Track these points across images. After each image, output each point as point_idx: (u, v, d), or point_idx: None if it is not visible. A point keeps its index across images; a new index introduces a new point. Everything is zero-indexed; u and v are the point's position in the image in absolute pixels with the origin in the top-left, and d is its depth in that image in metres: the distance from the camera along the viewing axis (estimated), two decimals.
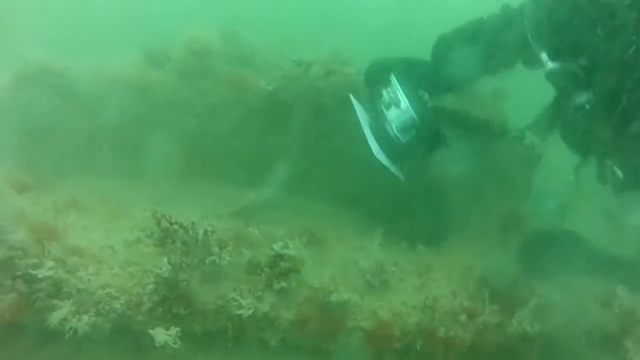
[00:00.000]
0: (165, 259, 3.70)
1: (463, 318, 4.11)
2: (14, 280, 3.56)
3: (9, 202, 3.90)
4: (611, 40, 3.71)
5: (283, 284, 3.91)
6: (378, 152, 4.32)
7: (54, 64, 4.82)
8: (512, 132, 4.60)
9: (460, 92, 4.84)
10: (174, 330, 3.50)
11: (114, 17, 6.08)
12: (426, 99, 4.36)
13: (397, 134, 4.26)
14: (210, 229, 3.87)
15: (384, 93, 4.31)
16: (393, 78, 4.32)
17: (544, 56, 3.98)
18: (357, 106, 4.48)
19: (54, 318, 3.53)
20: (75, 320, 3.54)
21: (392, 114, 4.27)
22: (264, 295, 3.86)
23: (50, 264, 3.61)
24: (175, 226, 3.82)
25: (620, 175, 3.95)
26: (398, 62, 4.51)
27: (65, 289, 3.62)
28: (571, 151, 4.24)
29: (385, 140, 4.32)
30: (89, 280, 3.66)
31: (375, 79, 4.49)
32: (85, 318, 3.56)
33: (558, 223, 4.86)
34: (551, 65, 3.94)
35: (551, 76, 4.03)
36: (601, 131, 3.88)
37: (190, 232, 3.83)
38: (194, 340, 3.85)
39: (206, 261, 3.85)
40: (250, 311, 3.77)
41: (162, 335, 3.49)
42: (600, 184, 4.17)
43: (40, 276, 3.56)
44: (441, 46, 4.52)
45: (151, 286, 3.69)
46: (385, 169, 4.36)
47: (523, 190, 5.06)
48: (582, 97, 3.92)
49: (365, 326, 4.02)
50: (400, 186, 4.79)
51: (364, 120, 4.40)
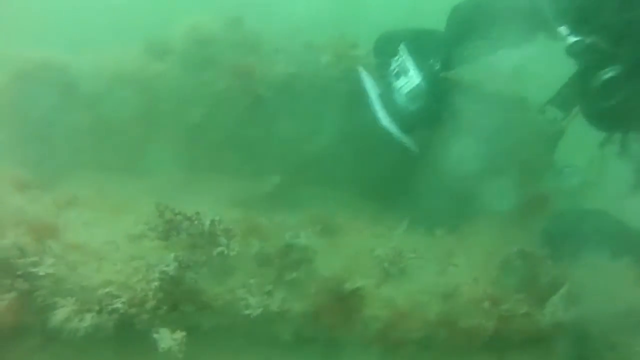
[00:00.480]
0: (172, 255, 3.55)
1: (486, 305, 3.92)
2: (14, 280, 3.44)
3: (9, 200, 3.80)
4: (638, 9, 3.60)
5: (294, 274, 3.75)
6: (386, 122, 4.26)
7: (53, 60, 4.75)
8: (533, 107, 4.56)
9: (477, 65, 4.66)
10: (180, 335, 3.34)
11: (111, 8, 6.00)
12: (437, 67, 4.29)
13: (406, 102, 4.25)
14: (217, 218, 3.72)
15: (393, 62, 4.31)
16: (402, 47, 4.30)
17: (563, 30, 3.88)
18: (366, 77, 4.43)
19: (57, 317, 3.41)
20: (77, 319, 3.42)
21: (400, 83, 4.27)
22: (274, 289, 3.70)
23: (51, 260, 3.49)
24: (180, 217, 3.68)
25: None
26: (408, 33, 4.49)
27: (67, 286, 3.50)
28: (593, 126, 4.10)
29: (394, 110, 4.28)
30: (91, 276, 3.54)
31: (385, 49, 4.48)
32: (89, 317, 3.43)
33: (580, 200, 4.67)
34: (572, 39, 3.84)
35: (573, 50, 3.89)
36: (627, 105, 3.75)
37: (196, 222, 3.68)
38: (203, 336, 3.70)
39: (213, 253, 3.70)
40: (259, 310, 3.62)
41: (167, 340, 3.33)
42: (623, 160, 4.08)
43: (41, 273, 3.44)
44: (456, 15, 4.48)
45: (156, 283, 3.54)
46: (396, 139, 4.30)
47: (544, 167, 4.87)
48: (608, 71, 3.77)
49: (382, 316, 3.84)
50: (414, 167, 4.71)
51: (372, 91, 4.36)
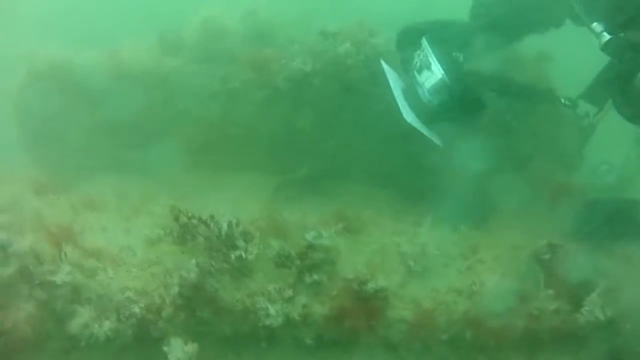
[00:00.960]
0: (193, 262, 3.47)
1: (515, 303, 3.78)
2: (32, 288, 3.40)
3: (26, 205, 3.75)
4: None
5: (315, 276, 3.64)
6: (411, 118, 4.15)
7: (65, 58, 4.66)
8: (563, 101, 4.37)
9: (502, 54, 4.55)
10: (192, 347, 3.27)
11: (122, 3, 5.87)
12: (461, 60, 4.18)
13: (429, 97, 4.15)
14: (234, 221, 3.61)
15: (415, 56, 4.20)
16: (424, 41, 4.17)
17: (596, 27, 3.77)
18: (389, 72, 4.32)
19: (75, 324, 3.37)
20: (96, 326, 3.38)
21: (423, 77, 4.16)
22: (295, 294, 3.59)
23: (68, 268, 3.45)
24: (194, 221, 3.59)
25: None
26: (431, 25, 4.35)
27: (85, 294, 3.47)
28: (628, 121, 3.95)
29: (417, 105, 4.18)
30: (108, 284, 3.50)
31: (407, 43, 4.35)
32: (107, 324, 3.39)
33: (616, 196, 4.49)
34: (607, 37, 3.73)
35: (608, 48, 3.77)
36: None
37: (212, 225, 3.59)
38: (225, 341, 3.64)
39: (232, 256, 3.60)
40: (280, 319, 3.53)
41: (178, 351, 3.26)
42: None
43: (59, 282, 3.40)
44: (481, 2, 4.34)
45: (176, 289, 3.48)
46: (420, 134, 4.18)
47: (574, 162, 4.70)
48: None
49: (407, 316, 3.72)
50: (438, 161, 4.52)
51: (396, 85, 4.24)
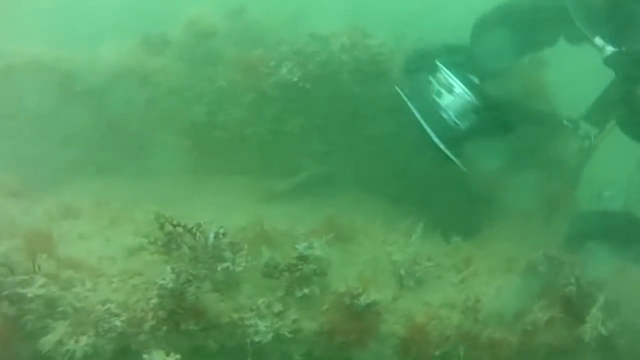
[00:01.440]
0: (169, 268, 3.28)
1: (509, 318, 3.67)
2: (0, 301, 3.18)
3: None
4: None
5: (306, 290, 3.48)
6: (438, 142, 4.04)
7: (45, 55, 4.48)
8: (565, 123, 4.37)
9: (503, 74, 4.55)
10: (174, 358, 3.08)
11: (105, 0, 5.70)
12: (477, 82, 4.14)
13: (456, 121, 4.07)
14: (221, 231, 3.44)
15: (433, 80, 4.14)
16: (439, 64, 4.15)
17: (598, 41, 3.70)
18: (406, 98, 4.19)
19: (48, 341, 3.14)
20: (72, 342, 3.15)
21: (445, 101, 4.09)
22: (285, 309, 3.44)
23: (42, 280, 3.21)
24: (180, 229, 3.42)
25: None
26: (439, 49, 4.36)
27: (60, 308, 3.23)
28: (633, 139, 3.89)
29: (442, 129, 4.07)
30: (86, 296, 3.27)
31: (419, 67, 4.32)
32: (84, 339, 3.17)
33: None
34: (609, 50, 3.65)
35: (611, 62, 3.69)
36: None
37: (198, 235, 3.41)
38: (210, 356, 3.45)
39: (218, 268, 3.43)
40: (270, 336, 3.36)
41: None
42: None
43: (30, 295, 3.17)
44: (480, 28, 4.35)
45: (155, 300, 3.28)
46: (448, 159, 4.07)
47: (572, 183, 4.63)
48: None
49: (399, 331, 3.58)
50: (431, 171, 4.50)
51: (417, 111, 4.12)
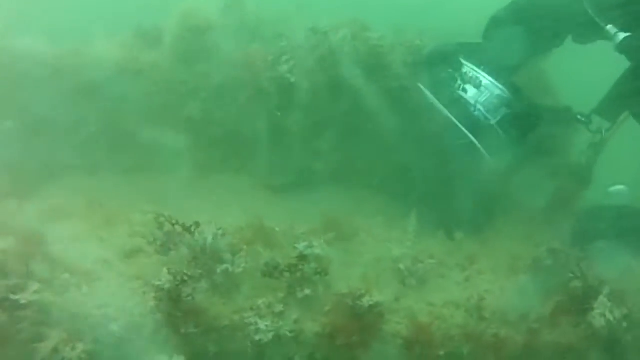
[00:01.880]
0: (165, 269, 3.22)
1: (514, 317, 3.62)
2: None
3: None
4: None
5: (307, 291, 3.41)
6: (470, 136, 4.07)
7: (34, 50, 4.35)
8: (579, 118, 4.38)
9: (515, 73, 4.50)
10: None
11: None
12: (504, 76, 4.17)
13: (487, 115, 4.09)
14: (220, 232, 3.37)
15: (457, 76, 4.17)
16: (464, 61, 4.21)
17: (610, 29, 3.79)
18: (429, 94, 4.25)
19: (43, 349, 3.05)
20: (68, 349, 3.06)
21: (473, 96, 4.12)
22: (286, 309, 3.38)
23: (35, 286, 3.12)
24: (179, 228, 3.34)
25: None
26: (458, 47, 4.37)
27: (55, 314, 3.14)
28: None
29: (473, 125, 4.10)
30: (82, 302, 3.19)
31: (440, 63, 4.34)
32: (81, 346, 3.08)
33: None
34: (621, 36, 3.74)
35: (624, 48, 3.76)
36: None
37: (196, 234, 3.34)
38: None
39: (217, 270, 3.35)
40: (271, 335, 3.30)
41: None
42: None
43: (24, 302, 3.07)
44: (494, 26, 4.38)
45: (152, 303, 3.20)
46: (478, 154, 4.10)
47: (584, 178, 4.58)
48: None
49: (403, 332, 3.53)
50: (433, 165, 4.53)
51: (442, 107, 4.17)
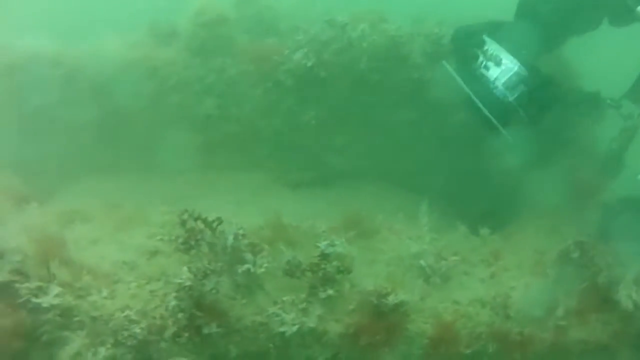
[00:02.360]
0: (185, 268, 3.18)
1: (541, 314, 3.54)
2: (15, 312, 3.03)
3: (6, 218, 3.38)
4: None
5: (330, 291, 3.33)
6: (489, 115, 4.06)
7: (48, 50, 4.32)
8: (609, 102, 4.35)
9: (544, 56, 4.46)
10: None
11: None
12: (525, 54, 4.14)
13: (505, 92, 4.07)
14: (241, 232, 3.30)
15: (480, 54, 4.17)
16: (487, 39, 4.18)
17: None
18: (453, 72, 4.25)
19: (65, 354, 3.03)
20: (90, 354, 3.04)
21: (494, 73, 4.13)
22: (309, 306, 3.31)
23: (57, 290, 3.09)
24: (200, 224, 3.27)
25: None
26: (485, 25, 4.38)
27: (76, 318, 3.11)
28: None
29: (492, 102, 4.10)
30: (103, 305, 3.15)
31: (465, 43, 4.34)
32: (102, 350, 3.04)
33: None
34: None
35: None
36: None
37: (218, 232, 3.29)
38: None
39: (239, 271, 3.28)
40: (295, 327, 3.24)
41: None
42: None
43: (46, 305, 3.04)
44: (526, 7, 4.34)
45: (173, 302, 3.15)
46: (496, 131, 4.08)
47: (614, 166, 4.47)
48: None
49: (428, 331, 3.47)
50: (456, 158, 4.47)
51: (465, 85, 4.17)
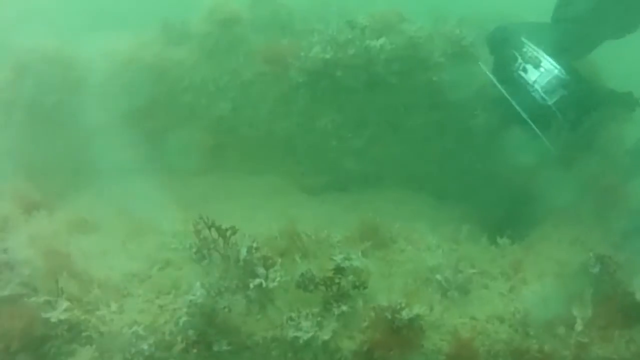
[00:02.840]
0: (198, 283, 3.10)
1: (562, 330, 3.41)
2: (24, 326, 2.98)
3: (16, 228, 3.32)
4: None
5: (344, 307, 3.24)
6: (527, 119, 4.01)
7: (57, 50, 4.24)
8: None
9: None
10: None
11: None
12: (564, 59, 4.09)
13: (544, 96, 4.05)
14: (254, 245, 3.21)
15: (518, 56, 4.12)
16: (525, 41, 4.14)
17: None
18: (489, 74, 4.20)
19: None
20: None
21: (532, 76, 4.08)
22: (324, 321, 3.22)
23: (65, 304, 3.05)
24: (214, 233, 3.21)
25: None
26: (522, 27, 4.32)
27: (84, 333, 3.07)
28: None
29: (530, 105, 4.05)
30: (111, 319, 3.10)
31: (502, 44, 4.27)
32: None
33: None
34: None
35: None
36: None
37: (231, 243, 3.22)
38: None
39: (250, 285, 3.20)
40: (310, 335, 3.15)
41: None
42: None
43: (54, 320, 2.99)
44: (565, 8, 4.30)
45: (184, 318, 3.08)
46: (533, 135, 4.02)
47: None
48: None
49: (444, 348, 3.35)
50: (477, 165, 4.39)
51: (501, 87, 4.11)
